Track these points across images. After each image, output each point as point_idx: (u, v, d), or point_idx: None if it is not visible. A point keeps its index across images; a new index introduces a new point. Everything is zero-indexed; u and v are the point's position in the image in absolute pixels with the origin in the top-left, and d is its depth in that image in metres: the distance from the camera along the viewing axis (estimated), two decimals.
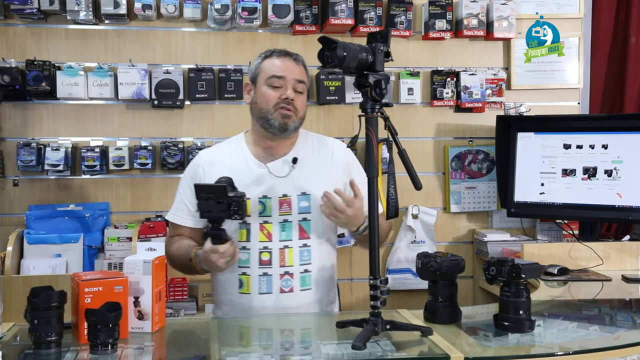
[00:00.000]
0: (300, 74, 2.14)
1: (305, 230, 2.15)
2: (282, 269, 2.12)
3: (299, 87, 2.13)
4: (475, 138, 3.55)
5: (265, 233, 2.12)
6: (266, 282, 2.11)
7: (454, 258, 1.85)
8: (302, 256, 2.14)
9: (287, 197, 2.14)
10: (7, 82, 3.04)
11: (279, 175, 2.15)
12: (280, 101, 2.10)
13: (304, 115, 2.18)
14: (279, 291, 2.11)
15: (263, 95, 2.13)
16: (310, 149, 2.23)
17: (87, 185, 3.26)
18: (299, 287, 2.13)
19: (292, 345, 1.82)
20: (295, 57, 2.17)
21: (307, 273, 2.15)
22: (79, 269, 3.02)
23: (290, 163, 2.17)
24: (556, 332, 1.87)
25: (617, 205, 3.03)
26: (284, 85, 2.11)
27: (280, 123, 2.11)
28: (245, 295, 2.13)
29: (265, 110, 2.12)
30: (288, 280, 2.12)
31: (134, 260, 1.78)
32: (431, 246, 3.45)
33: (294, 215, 2.14)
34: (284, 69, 2.12)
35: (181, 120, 3.32)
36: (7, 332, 1.78)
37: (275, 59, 2.15)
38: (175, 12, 3.20)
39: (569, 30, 3.57)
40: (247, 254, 2.12)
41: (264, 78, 2.14)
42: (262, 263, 2.12)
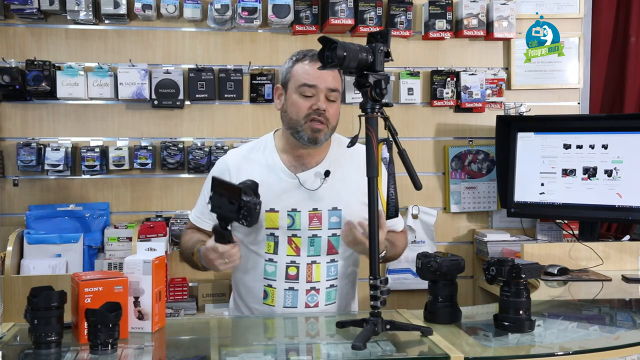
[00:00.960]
0: (333, 81, 2.02)
1: (334, 246, 2.09)
2: (309, 285, 2.07)
3: (332, 95, 2.02)
4: (475, 138, 3.55)
5: (293, 247, 2.06)
6: (292, 296, 2.07)
7: (454, 258, 1.85)
8: (329, 272, 2.09)
9: (318, 212, 2.06)
10: (7, 82, 3.04)
11: (310, 188, 2.06)
12: (312, 112, 2.00)
13: (336, 124, 2.07)
14: (304, 306, 2.07)
15: (294, 105, 2.03)
16: (342, 160, 2.12)
17: (87, 185, 3.26)
18: (324, 302, 2.09)
19: (292, 345, 1.81)
20: None
21: (333, 288, 2.10)
22: (79, 269, 3.02)
23: (322, 175, 2.08)
24: (556, 332, 1.87)
25: (617, 205, 3.03)
26: (316, 94, 2.00)
27: (310, 137, 2.01)
28: (270, 307, 2.08)
29: (295, 121, 2.02)
30: (314, 295, 2.07)
31: (134, 260, 1.77)
32: (431, 246, 3.45)
33: (324, 230, 2.07)
34: (317, 77, 2.00)
35: (181, 120, 3.32)
36: (7, 332, 1.77)
37: (307, 65, 2.03)
38: (175, 12, 3.20)
39: (569, 30, 3.57)
40: (273, 266, 2.07)
41: (294, 85, 2.03)
42: (288, 277, 2.06)
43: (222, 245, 1.85)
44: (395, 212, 1.85)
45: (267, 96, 3.30)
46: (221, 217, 1.84)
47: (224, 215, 1.83)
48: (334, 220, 2.08)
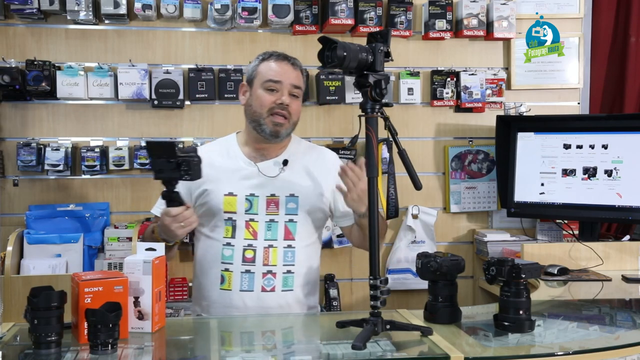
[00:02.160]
0: (297, 79, 2.16)
1: (290, 232, 2.17)
2: (265, 268, 2.13)
3: (295, 91, 2.15)
4: (475, 138, 3.55)
5: (250, 231, 2.14)
6: (248, 279, 2.13)
7: (454, 258, 1.85)
8: (286, 257, 2.15)
9: (275, 197, 2.16)
10: (7, 82, 3.04)
11: (268, 174, 2.18)
12: (275, 106, 2.12)
13: (297, 120, 2.20)
14: (260, 290, 2.13)
15: (258, 99, 2.15)
16: (302, 154, 2.26)
17: (87, 185, 3.26)
18: (281, 287, 2.14)
19: (292, 345, 1.81)
20: (293, 62, 2.18)
21: (290, 274, 2.16)
22: (79, 269, 3.01)
23: (281, 164, 2.19)
24: (556, 332, 1.87)
25: (617, 205, 3.03)
26: (280, 89, 2.13)
27: (271, 130, 2.14)
28: (227, 292, 2.14)
29: (259, 114, 2.14)
30: (270, 279, 2.13)
31: (134, 260, 1.77)
32: (431, 246, 3.45)
33: (281, 215, 2.16)
34: (281, 73, 2.14)
35: (181, 120, 3.32)
36: (7, 332, 1.78)
37: (272, 63, 2.16)
38: (175, 12, 3.20)
39: (569, 30, 3.57)
40: (231, 250, 2.14)
41: (260, 81, 2.15)
42: (245, 260, 2.13)
43: (174, 208, 1.92)
44: (395, 212, 1.85)
45: None
46: (166, 180, 1.90)
47: (168, 176, 1.89)
48: (290, 207, 2.17)
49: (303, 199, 2.17)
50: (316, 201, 2.20)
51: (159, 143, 1.93)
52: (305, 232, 2.19)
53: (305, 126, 3.36)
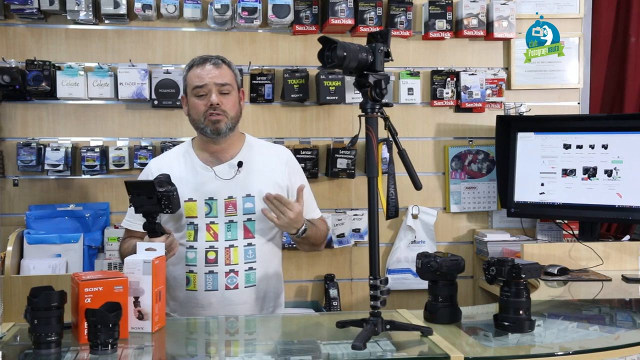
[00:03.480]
0: (221, 77, 2.23)
1: (250, 230, 2.25)
2: (228, 267, 2.22)
3: (224, 89, 2.22)
4: (475, 138, 3.55)
5: (211, 233, 2.22)
6: (212, 279, 2.21)
7: (454, 258, 1.85)
8: (247, 255, 2.24)
9: (233, 199, 2.24)
10: (7, 82, 3.04)
11: (224, 177, 2.26)
12: (208, 108, 2.21)
13: (236, 115, 2.27)
14: (224, 288, 2.21)
15: (193, 107, 2.25)
16: (256, 154, 2.33)
17: (87, 185, 3.26)
18: (244, 283, 2.23)
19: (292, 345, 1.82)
20: (215, 61, 2.25)
21: (252, 270, 2.24)
22: (79, 269, 3.02)
23: (236, 167, 2.27)
24: (556, 332, 1.87)
25: (617, 205, 3.03)
26: (208, 92, 2.21)
27: (212, 129, 2.22)
28: (192, 292, 2.24)
29: (197, 120, 2.24)
30: (233, 277, 2.22)
31: (134, 260, 1.78)
32: (431, 246, 3.45)
33: (239, 216, 2.24)
34: (204, 76, 2.22)
35: (181, 120, 3.31)
36: (7, 332, 1.78)
37: (196, 69, 2.24)
38: (175, 12, 3.20)
39: (569, 30, 3.57)
40: (194, 253, 2.23)
41: (190, 89, 2.25)
42: (208, 262, 2.22)
43: (157, 238, 2.00)
44: (395, 212, 1.86)
45: (267, 96, 3.30)
46: (146, 214, 1.97)
47: (148, 210, 1.96)
48: (248, 206, 2.26)
49: (259, 198, 2.23)
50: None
51: (137, 182, 2.02)
52: (264, 229, 2.27)
53: (306, 126, 3.37)
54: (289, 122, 3.36)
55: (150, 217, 1.98)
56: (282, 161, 2.36)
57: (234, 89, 2.27)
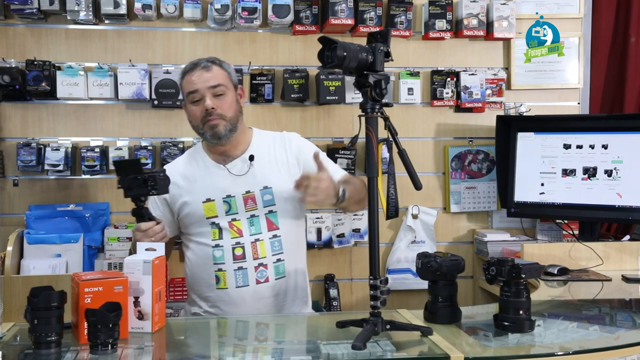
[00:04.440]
0: (212, 79, 2.21)
1: (273, 222, 2.24)
2: (256, 261, 2.20)
3: (217, 91, 2.20)
4: (475, 138, 3.55)
5: (235, 230, 2.21)
6: (242, 275, 2.20)
7: (454, 258, 1.85)
8: (274, 247, 2.23)
9: (251, 193, 2.23)
10: (7, 82, 3.04)
11: (238, 173, 2.25)
12: (204, 114, 2.20)
13: (235, 114, 2.24)
14: (255, 282, 2.20)
15: (190, 113, 2.25)
16: (266, 145, 2.32)
17: (87, 185, 3.26)
18: (274, 276, 2.21)
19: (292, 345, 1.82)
20: (205, 65, 2.23)
21: (281, 262, 2.23)
22: (79, 269, 3.01)
23: (248, 161, 2.26)
24: (556, 332, 1.87)
25: (617, 205, 3.03)
26: (201, 97, 2.20)
27: (211, 134, 2.21)
28: (223, 290, 2.21)
29: (196, 126, 2.25)
30: (263, 271, 2.20)
31: (134, 260, 1.78)
32: (431, 246, 3.45)
33: (260, 209, 2.23)
34: (195, 81, 2.20)
35: (181, 120, 3.31)
36: (7, 332, 1.78)
37: (188, 75, 2.24)
38: (175, 12, 3.20)
39: (569, 30, 3.57)
40: (221, 251, 2.22)
41: (185, 97, 2.26)
42: (236, 258, 2.21)
43: (144, 223, 2.01)
44: (395, 212, 1.86)
45: (267, 96, 3.29)
46: (135, 197, 1.98)
47: (136, 193, 1.96)
48: (267, 198, 2.24)
49: (277, 188, 2.24)
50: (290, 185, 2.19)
51: (125, 161, 2.04)
52: (288, 218, 2.26)
53: (305, 126, 3.36)
54: (289, 122, 3.35)
55: (138, 201, 1.98)
56: (290, 147, 2.33)
57: (229, 89, 2.24)
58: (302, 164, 2.30)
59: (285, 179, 2.23)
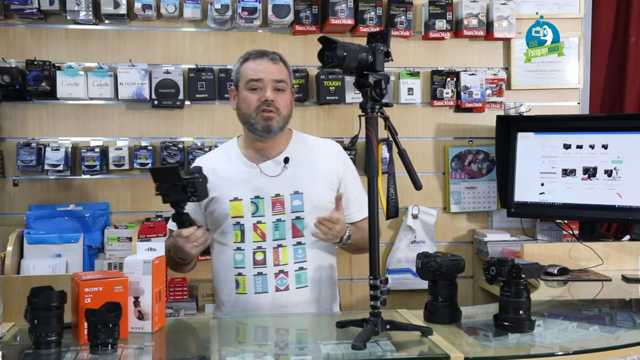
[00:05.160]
0: (278, 73, 2.14)
1: (298, 229, 2.16)
2: (277, 268, 2.13)
3: (279, 85, 2.14)
4: (475, 138, 3.55)
5: (259, 233, 2.14)
6: (261, 281, 2.13)
7: (454, 258, 1.85)
8: (297, 254, 2.15)
9: (280, 197, 2.15)
10: (7, 82, 3.04)
11: (270, 174, 2.16)
12: (261, 104, 2.11)
13: (288, 114, 2.18)
14: (274, 290, 2.12)
15: (244, 100, 2.15)
16: (303, 150, 2.24)
17: (87, 185, 3.26)
18: (295, 285, 2.14)
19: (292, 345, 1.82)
20: (272, 57, 2.16)
21: (303, 271, 2.15)
22: (79, 269, 3.01)
23: (282, 163, 2.18)
24: (556, 332, 1.87)
25: (617, 205, 3.03)
26: (263, 87, 2.12)
27: (263, 126, 2.12)
28: (242, 295, 2.15)
29: (248, 115, 2.14)
30: (283, 278, 2.13)
31: (134, 260, 1.77)
32: (431, 246, 3.45)
33: (287, 214, 2.15)
34: (261, 70, 2.13)
35: (181, 120, 3.32)
36: (7, 332, 1.78)
37: (251, 62, 2.15)
38: (175, 12, 3.20)
39: (569, 30, 3.57)
40: (241, 254, 2.15)
41: (243, 82, 2.15)
42: (256, 263, 2.13)
43: (185, 229, 1.96)
44: (395, 212, 1.85)
45: None
46: (174, 203, 1.92)
47: (175, 199, 1.91)
48: (296, 204, 2.16)
49: (308, 195, 2.15)
50: (321, 195, 2.19)
51: (162, 169, 1.96)
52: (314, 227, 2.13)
53: (305, 126, 3.36)
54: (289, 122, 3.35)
55: (178, 207, 1.92)
56: (331, 155, 2.26)
57: (288, 88, 2.18)
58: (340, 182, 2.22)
59: (319, 188, 2.17)
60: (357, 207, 2.24)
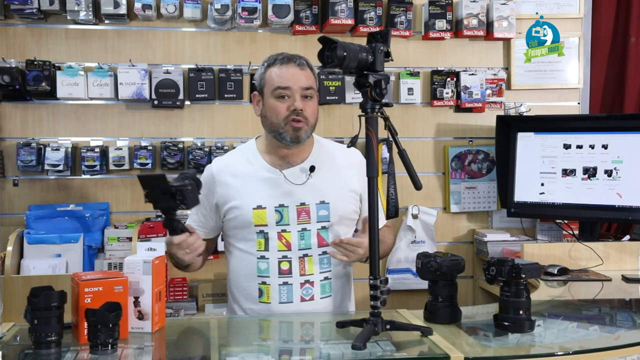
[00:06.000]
0: (306, 80, 2.06)
1: (324, 238, 2.11)
2: (303, 278, 2.08)
3: (308, 93, 2.06)
4: (475, 138, 3.55)
5: (284, 242, 2.08)
6: (287, 291, 2.08)
7: (454, 258, 1.85)
8: (322, 264, 2.11)
9: (306, 206, 2.09)
10: (7, 82, 3.04)
11: (295, 182, 2.10)
12: (290, 113, 2.03)
13: (315, 121, 2.11)
14: (299, 300, 2.08)
15: (272, 109, 2.06)
16: (327, 157, 2.17)
17: (87, 185, 3.26)
18: (320, 295, 2.10)
19: (292, 345, 1.82)
20: (300, 62, 2.07)
21: (327, 281, 2.12)
22: (79, 269, 3.02)
23: (307, 171, 2.11)
24: (556, 332, 1.87)
25: (617, 205, 3.03)
26: (291, 95, 2.04)
27: (292, 136, 2.05)
28: (266, 305, 2.09)
29: (276, 124, 2.05)
30: (309, 288, 2.09)
31: (134, 260, 1.77)
32: (431, 246, 3.45)
33: (313, 224, 2.10)
34: (289, 78, 2.04)
35: (181, 120, 3.32)
36: (7, 332, 1.78)
37: (277, 68, 2.06)
38: (175, 12, 3.20)
39: (569, 30, 3.57)
40: (266, 263, 2.08)
41: (270, 90, 2.06)
42: (282, 272, 2.08)
43: (176, 236, 1.88)
44: (395, 212, 1.85)
45: None
46: (164, 210, 1.85)
47: (164, 206, 1.83)
48: (322, 214, 2.11)
49: (334, 205, 2.11)
50: (347, 205, 2.15)
51: (149, 176, 1.87)
52: (339, 237, 2.09)
53: None
54: None
55: (168, 214, 1.86)
56: (354, 165, 2.18)
57: (315, 94, 2.10)
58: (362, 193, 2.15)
59: (345, 198, 2.13)
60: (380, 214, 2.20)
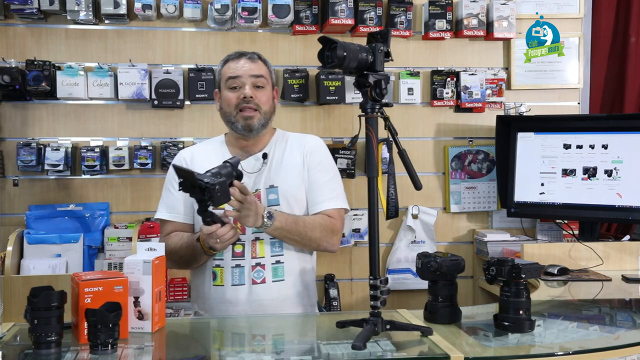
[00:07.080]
0: (256, 69, 2.19)
1: None
2: (254, 260, 2.15)
3: (259, 81, 2.18)
4: (475, 138, 3.55)
5: (238, 226, 2.13)
6: (239, 273, 2.16)
7: (454, 258, 1.85)
8: (274, 247, 2.17)
9: (258, 192, 2.19)
10: (7, 82, 3.04)
11: (250, 171, 2.20)
12: (241, 101, 2.16)
13: (269, 110, 2.22)
14: (251, 282, 2.14)
15: (225, 99, 2.20)
16: (282, 145, 2.28)
17: (87, 185, 3.26)
18: (271, 278, 2.16)
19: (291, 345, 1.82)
20: (250, 56, 2.22)
21: (280, 264, 2.17)
22: (79, 269, 3.01)
23: (261, 159, 2.22)
24: (556, 332, 1.87)
25: (617, 205, 3.03)
26: (242, 84, 2.17)
27: (243, 125, 2.17)
28: (219, 288, 2.17)
29: (229, 113, 2.19)
30: (260, 271, 2.16)
31: (134, 260, 1.77)
32: (431, 246, 3.45)
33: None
34: (238, 68, 2.18)
35: (181, 120, 3.32)
36: (7, 332, 1.78)
37: (231, 62, 2.21)
38: (175, 12, 3.20)
39: (569, 30, 3.57)
40: None
41: (223, 82, 2.21)
42: (235, 255, 2.16)
43: (207, 227, 1.94)
44: (395, 212, 1.85)
45: None
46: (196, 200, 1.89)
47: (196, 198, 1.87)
48: (271, 197, 2.19)
49: (282, 188, 2.19)
50: (295, 188, 2.21)
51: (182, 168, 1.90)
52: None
53: (306, 126, 3.37)
54: (289, 122, 3.35)
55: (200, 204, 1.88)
56: (303, 146, 2.27)
57: (269, 84, 2.23)
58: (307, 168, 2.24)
59: (294, 180, 2.20)
60: (321, 197, 2.22)
